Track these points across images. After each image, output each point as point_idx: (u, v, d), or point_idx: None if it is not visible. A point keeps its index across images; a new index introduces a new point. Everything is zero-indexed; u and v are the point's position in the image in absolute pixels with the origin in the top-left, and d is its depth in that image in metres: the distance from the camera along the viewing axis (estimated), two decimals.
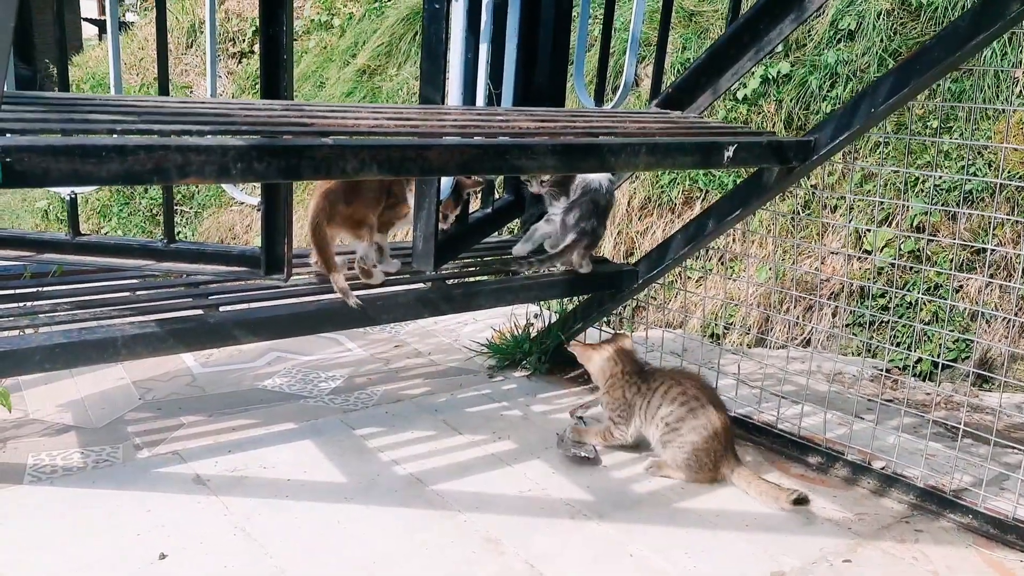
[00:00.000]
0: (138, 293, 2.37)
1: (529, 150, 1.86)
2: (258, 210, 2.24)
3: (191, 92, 9.83)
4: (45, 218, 9.61)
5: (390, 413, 2.80)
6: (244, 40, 10.08)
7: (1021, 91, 4.28)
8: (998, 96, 4.35)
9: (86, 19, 17.98)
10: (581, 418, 2.70)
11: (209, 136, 1.55)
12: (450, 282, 2.64)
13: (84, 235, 2.43)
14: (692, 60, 5.31)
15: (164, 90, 2.27)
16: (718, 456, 2.37)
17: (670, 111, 2.62)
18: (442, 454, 2.53)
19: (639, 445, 2.55)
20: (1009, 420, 3.12)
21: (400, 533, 2.11)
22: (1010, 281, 3.95)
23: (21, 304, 2.23)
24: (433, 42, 2.26)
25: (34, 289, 2.34)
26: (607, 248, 5.21)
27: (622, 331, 2.62)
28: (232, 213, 8.25)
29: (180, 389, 2.95)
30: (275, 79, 2.07)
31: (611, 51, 2.90)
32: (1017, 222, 3.90)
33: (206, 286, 2.44)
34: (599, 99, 2.87)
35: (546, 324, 3.29)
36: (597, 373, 2.57)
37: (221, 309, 2.30)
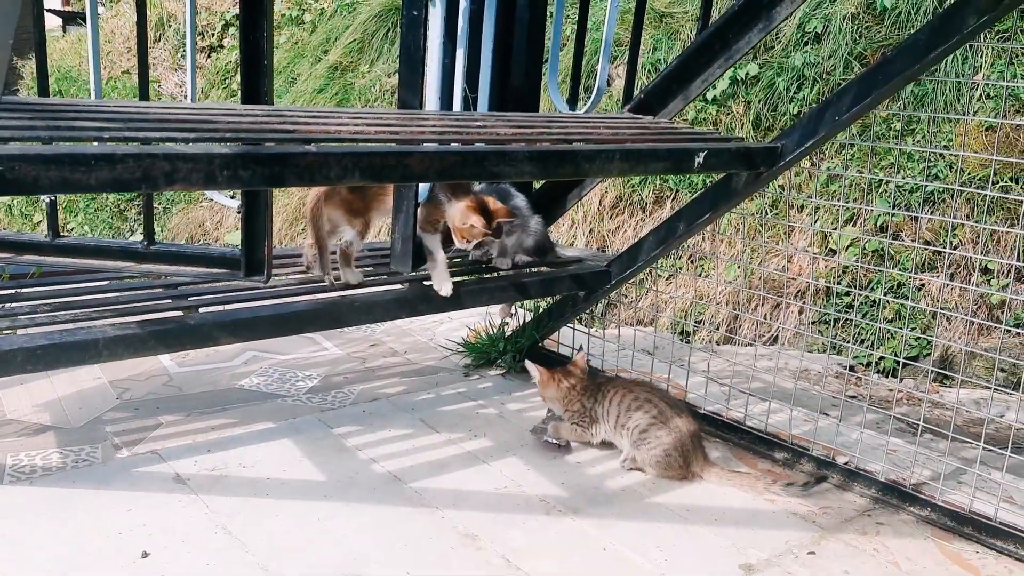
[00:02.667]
0: (118, 295, 2.38)
1: (507, 157, 1.90)
2: (239, 213, 2.27)
3: (159, 87, 9.73)
4: (9, 213, 9.48)
5: (367, 412, 2.84)
6: (213, 34, 10.00)
7: (980, 95, 4.40)
8: (959, 99, 4.47)
9: (49, 10, 17.67)
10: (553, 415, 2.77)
11: (194, 143, 1.58)
12: (427, 283, 2.68)
13: (63, 236, 2.44)
14: (662, 61, 5.39)
15: (144, 94, 2.29)
16: (688, 456, 2.46)
17: (642, 116, 2.68)
18: (419, 452, 2.57)
19: (610, 444, 2.62)
20: (968, 416, 3.23)
21: (379, 530, 2.16)
22: (970, 280, 4.07)
23: (0, 306, 2.24)
24: (412, 48, 2.30)
25: (13, 291, 2.34)
26: (579, 246, 5.27)
27: (576, 355, 2.73)
28: (202, 210, 8.20)
29: (157, 389, 2.97)
30: (256, 85, 2.10)
31: (584, 52, 2.95)
32: (976, 223, 4.02)
33: (185, 287, 2.46)
34: (573, 102, 2.92)
35: (521, 323, 3.34)
36: (559, 399, 2.65)
37: (201, 310, 2.32)
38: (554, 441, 2.63)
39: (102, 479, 2.32)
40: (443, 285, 2.51)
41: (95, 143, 1.55)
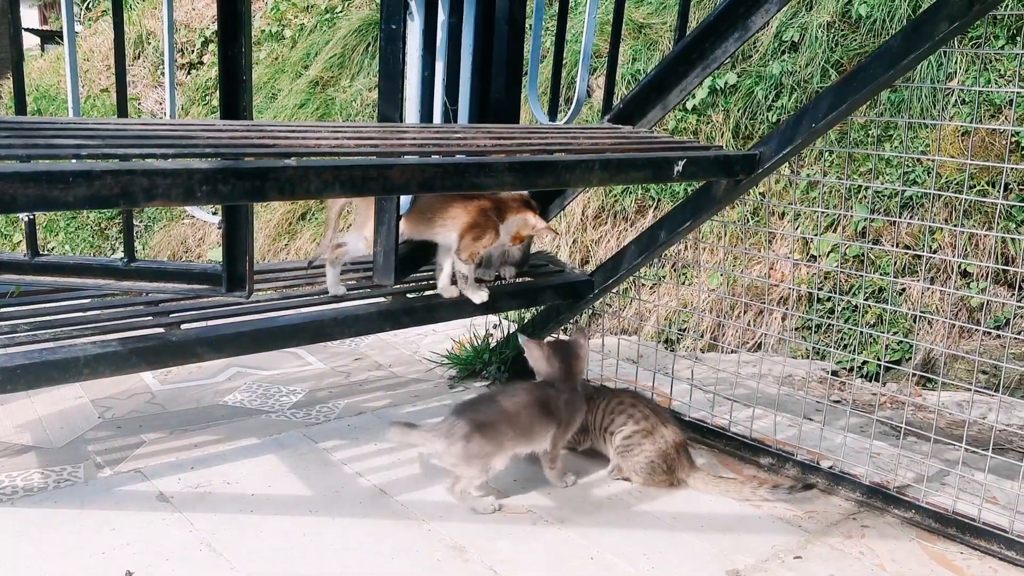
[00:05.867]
0: (99, 312, 2.37)
1: (487, 168, 1.91)
2: (219, 228, 2.26)
3: (139, 104, 9.71)
4: None
5: (352, 426, 2.83)
6: (193, 51, 9.99)
7: (956, 101, 4.46)
8: (935, 105, 4.53)
9: (27, 29, 17.63)
10: None
11: (173, 159, 1.58)
12: (411, 295, 2.68)
13: (43, 255, 2.42)
14: (642, 71, 5.43)
15: (123, 112, 2.28)
16: (672, 463, 2.46)
17: (621, 126, 2.69)
18: (405, 465, 2.56)
19: (595, 453, 2.63)
20: (951, 418, 3.25)
21: (366, 544, 2.15)
22: (950, 283, 4.11)
23: None
24: (390, 62, 2.31)
25: None
26: (562, 257, 5.28)
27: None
28: (184, 226, 8.17)
29: (140, 407, 2.95)
30: (235, 100, 2.10)
31: (563, 62, 2.97)
32: (955, 227, 4.06)
33: (167, 304, 2.45)
34: (553, 113, 2.94)
35: (505, 334, 3.34)
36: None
37: (183, 327, 2.31)
38: None
39: (84, 499, 2.30)
40: (477, 293, 2.61)
41: (73, 160, 1.54)
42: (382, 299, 2.61)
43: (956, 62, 4.51)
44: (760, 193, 4.48)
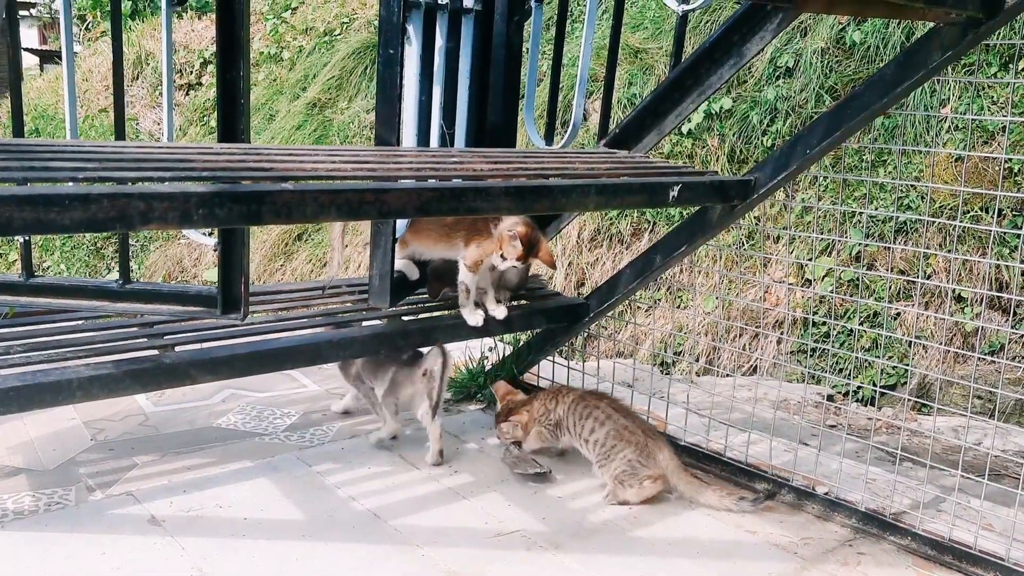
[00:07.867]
0: (93, 334, 2.36)
1: (484, 192, 1.92)
2: (215, 251, 2.26)
3: (137, 124, 9.73)
4: None
5: (346, 449, 2.82)
6: (191, 71, 10.03)
7: (949, 127, 4.49)
8: (928, 131, 4.56)
9: (26, 49, 17.70)
10: (518, 443, 2.77)
11: (170, 183, 1.58)
12: (406, 318, 2.68)
13: (37, 276, 2.42)
14: (638, 95, 5.46)
15: (121, 134, 2.28)
16: (650, 457, 2.51)
17: (617, 151, 2.71)
18: (399, 489, 2.55)
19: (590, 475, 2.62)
20: (946, 443, 3.25)
21: (359, 569, 2.13)
22: (944, 308, 4.12)
23: None
24: (388, 86, 2.32)
25: None
26: (559, 279, 5.29)
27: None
28: (180, 246, 8.17)
29: (133, 429, 2.93)
30: (232, 123, 2.10)
31: (560, 87, 2.99)
32: (949, 252, 4.07)
33: (161, 326, 2.45)
34: (549, 137, 2.95)
35: (500, 357, 3.34)
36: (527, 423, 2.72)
37: (177, 349, 2.31)
38: (536, 470, 2.63)
39: (75, 522, 2.28)
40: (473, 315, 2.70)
41: (70, 183, 1.55)
42: (377, 321, 2.61)
43: (950, 88, 4.54)
44: (755, 217, 4.50)
